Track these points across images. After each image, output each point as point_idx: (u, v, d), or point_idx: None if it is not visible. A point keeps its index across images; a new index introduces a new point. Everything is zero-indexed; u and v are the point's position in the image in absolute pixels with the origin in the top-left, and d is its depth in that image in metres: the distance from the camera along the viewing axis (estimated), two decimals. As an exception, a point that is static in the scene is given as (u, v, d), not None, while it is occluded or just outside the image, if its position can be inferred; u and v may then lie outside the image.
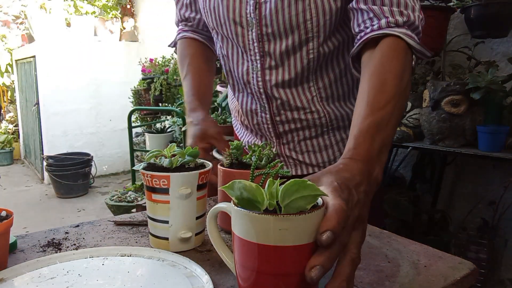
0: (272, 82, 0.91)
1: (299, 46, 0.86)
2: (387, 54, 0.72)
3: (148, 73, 4.07)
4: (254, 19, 0.85)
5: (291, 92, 0.91)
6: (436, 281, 0.55)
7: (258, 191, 0.45)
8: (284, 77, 0.90)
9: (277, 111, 0.94)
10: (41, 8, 5.02)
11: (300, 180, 0.43)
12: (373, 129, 0.61)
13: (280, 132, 0.98)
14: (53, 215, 4.01)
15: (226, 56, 0.96)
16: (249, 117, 1.01)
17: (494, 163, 1.95)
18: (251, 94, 0.96)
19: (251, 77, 0.92)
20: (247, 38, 0.88)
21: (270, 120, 0.96)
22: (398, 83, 0.68)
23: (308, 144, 0.98)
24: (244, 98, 1.00)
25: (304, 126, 0.95)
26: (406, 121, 1.85)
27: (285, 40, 0.85)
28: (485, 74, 1.55)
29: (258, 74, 0.91)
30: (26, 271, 0.58)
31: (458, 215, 2.12)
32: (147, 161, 0.69)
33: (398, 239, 0.68)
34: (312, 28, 0.83)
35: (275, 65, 0.89)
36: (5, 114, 6.97)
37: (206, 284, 0.53)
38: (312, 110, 0.93)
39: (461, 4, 1.67)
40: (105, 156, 5.43)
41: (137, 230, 0.75)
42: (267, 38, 0.86)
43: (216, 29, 0.93)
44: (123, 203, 3.34)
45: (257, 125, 1.00)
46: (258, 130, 1.02)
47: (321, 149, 0.98)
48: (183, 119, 3.04)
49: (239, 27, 0.88)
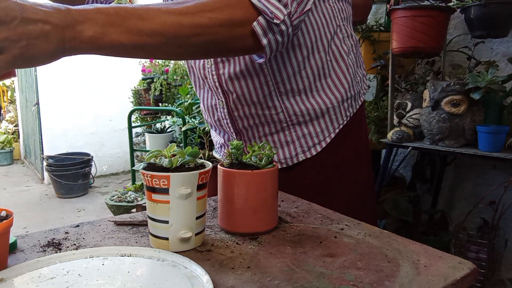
0: (225, 75, 0.90)
1: None
2: None
3: (148, 73, 4.07)
4: None
5: (247, 85, 0.90)
6: (436, 281, 0.55)
7: None
8: (235, 68, 0.89)
9: (234, 105, 0.93)
10: (41, 8, 5.02)
11: None
12: (128, 9, 0.57)
13: (239, 128, 0.97)
14: (53, 215, 4.01)
15: None
16: (210, 113, 1.01)
17: (494, 163, 1.95)
18: (209, 90, 0.97)
19: (207, 72, 0.93)
20: None
21: (228, 115, 0.95)
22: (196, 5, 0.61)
23: (269, 140, 0.96)
24: (204, 94, 1.00)
25: (262, 122, 0.94)
26: (406, 121, 1.85)
27: None
28: (485, 74, 1.55)
29: (212, 67, 0.91)
30: (26, 271, 0.58)
31: (458, 215, 2.13)
32: (147, 161, 0.69)
33: (398, 239, 0.68)
34: None
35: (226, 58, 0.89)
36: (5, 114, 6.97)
37: (206, 284, 0.53)
38: (269, 106, 0.91)
39: (461, 4, 1.67)
40: (105, 156, 5.43)
41: (137, 230, 0.75)
42: None
43: None
44: (123, 203, 3.34)
45: (218, 121, 1.00)
46: (220, 127, 1.02)
47: (282, 145, 0.96)
48: (183, 119, 3.04)
49: None
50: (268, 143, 0.93)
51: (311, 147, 0.94)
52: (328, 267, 0.59)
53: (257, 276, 0.57)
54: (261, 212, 0.70)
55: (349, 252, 0.64)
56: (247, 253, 0.64)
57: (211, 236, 0.71)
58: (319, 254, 0.63)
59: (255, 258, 0.63)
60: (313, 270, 0.58)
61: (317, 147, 0.94)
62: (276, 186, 0.73)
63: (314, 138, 0.94)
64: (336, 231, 0.72)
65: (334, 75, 0.92)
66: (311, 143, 0.94)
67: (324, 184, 0.97)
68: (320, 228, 0.73)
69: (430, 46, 1.72)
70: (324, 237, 0.69)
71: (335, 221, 0.76)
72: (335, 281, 0.55)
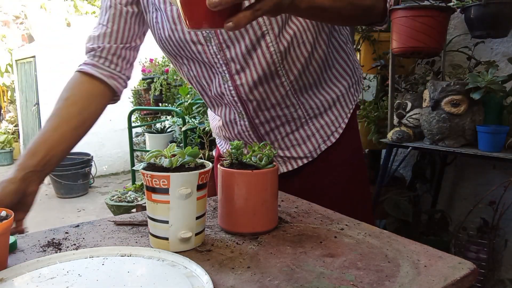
0: (244, 86, 0.92)
1: (257, 42, 0.88)
2: None
3: (148, 73, 4.07)
4: (210, 33, 0.87)
5: (265, 90, 0.92)
6: (436, 281, 0.55)
7: None
8: (253, 77, 0.91)
9: (254, 113, 0.96)
10: (41, 8, 5.03)
11: None
12: None
13: (262, 134, 0.99)
14: (53, 215, 4.01)
15: (197, 76, 0.97)
16: (229, 128, 1.03)
17: (494, 163, 1.95)
18: (228, 105, 0.98)
19: (224, 88, 0.94)
20: (210, 53, 0.90)
21: (249, 125, 0.98)
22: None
23: (291, 138, 0.99)
24: (222, 111, 1.01)
25: (283, 122, 0.97)
26: (406, 121, 1.85)
27: (243, 41, 0.87)
28: (485, 74, 1.55)
29: (228, 83, 0.93)
30: (26, 271, 0.58)
31: (458, 215, 2.12)
32: (147, 161, 0.69)
33: (398, 239, 0.68)
34: (264, 22, 0.85)
35: (241, 68, 0.90)
36: (5, 114, 6.98)
37: (206, 284, 0.53)
38: (287, 104, 0.95)
39: (461, 4, 1.66)
40: (105, 156, 5.44)
41: (137, 230, 0.75)
42: (226, 45, 0.88)
43: (179, 54, 0.94)
44: (123, 203, 3.34)
45: (239, 134, 1.02)
46: (240, 139, 1.03)
47: (304, 141, 0.99)
48: (183, 119, 3.04)
49: (198, 45, 0.89)
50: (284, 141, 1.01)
51: (330, 135, 1.00)
52: (328, 267, 0.59)
53: (257, 276, 0.57)
54: (261, 212, 0.70)
55: (349, 252, 0.64)
56: (247, 253, 0.64)
57: (211, 236, 0.71)
58: (319, 254, 0.63)
59: (255, 258, 0.63)
60: (313, 270, 0.58)
61: (335, 134, 1.00)
62: (276, 186, 0.73)
63: (331, 127, 1.00)
64: (336, 231, 0.72)
65: (337, 65, 0.99)
66: (329, 132, 1.00)
67: (328, 186, 1.00)
68: (320, 228, 0.73)
69: (430, 46, 1.72)
70: (324, 237, 0.69)
71: (335, 221, 0.76)
72: (335, 281, 0.55)
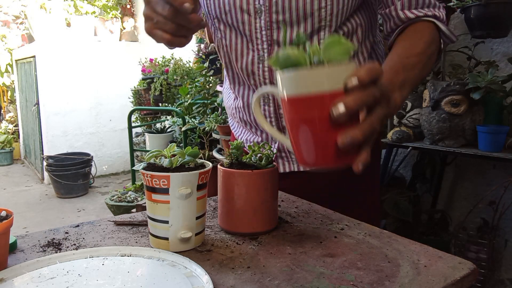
0: None
1: (310, 34, 0.84)
2: (419, 29, 0.82)
3: (148, 73, 4.07)
4: (263, 6, 0.82)
5: None
6: (436, 281, 0.55)
7: (301, 55, 0.53)
8: None
9: None
10: (41, 8, 5.02)
11: (335, 37, 0.52)
12: (398, 67, 0.72)
13: (283, 126, 0.94)
14: (53, 215, 4.01)
15: (229, 46, 0.92)
16: (250, 112, 0.98)
17: (494, 163, 1.95)
18: (253, 86, 0.93)
19: (256, 67, 0.89)
20: (254, 26, 0.85)
21: (273, 113, 0.93)
22: (426, 48, 0.78)
23: None
24: (245, 91, 0.96)
25: None
26: (406, 121, 1.86)
27: (296, 28, 0.83)
28: (485, 74, 1.55)
29: (264, 63, 0.88)
30: (26, 271, 0.58)
31: (458, 215, 2.12)
32: (147, 161, 0.69)
33: (398, 239, 0.68)
34: (325, 17, 0.82)
35: None
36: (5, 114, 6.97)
37: (206, 284, 0.53)
38: None
39: (461, 4, 1.67)
40: (105, 156, 5.43)
41: (137, 230, 0.75)
42: (277, 25, 0.83)
43: (219, 18, 0.89)
44: (123, 203, 3.34)
45: None
46: (258, 128, 1.00)
47: None
48: (183, 119, 3.04)
49: (245, 14, 0.84)
50: None
51: None
52: (328, 267, 0.59)
53: (257, 276, 0.57)
54: (261, 212, 0.70)
55: (349, 252, 0.64)
56: (247, 253, 0.64)
57: (211, 236, 0.71)
58: (319, 254, 0.63)
59: (255, 258, 0.63)
60: (313, 270, 0.58)
61: None
62: (276, 186, 0.73)
63: None
64: (336, 231, 0.72)
65: None
66: None
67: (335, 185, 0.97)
68: (320, 228, 0.73)
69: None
70: (324, 237, 0.69)
71: (335, 221, 0.76)
72: (335, 281, 0.55)
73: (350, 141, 0.52)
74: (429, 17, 0.82)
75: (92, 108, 5.29)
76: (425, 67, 0.78)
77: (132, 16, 5.58)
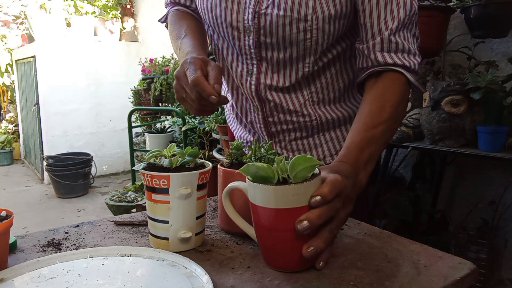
0: (267, 85, 0.91)
1: (296, 59, 0.87)
2: (389, 86, 0.82)
3: (148, 73, 4.07)
4: (252, 27, 0.84)
5: (284, 96, 0.92)
6: (436, 281, 0.55)
7: (269, 169, 0.56)
8: (278, 83, 0.90)
9: (270, 112, 0.95)
10: (41, 8, 5.02)
11: (302, 156, 0.56)
12: (364, 143, 0.73)
13: (272, 132, 0.98)
14: (53, 215, 4.01)
15: (222, 54, 0.95)
16: (243, 114, 1.01)
17: (494, 163, 1.95)
18: (244, 94, 0.96)
19: (244, 79, 0.92)
20: (243, 43, 0.88)
21: (262, 121, 0.97)
22: (393, 111, 0.79)
23: (299, 143, 0.99)
24: (238, 96, 0.99)
25: (296, 127, 0.96)
26: (406, 121, 1.85)
27: (283, 51, 0.86)
28: (485, 74, 1.55)
29: (252, 77, 0.91)
30: (26, 271, 0.58)
31: (458, 215, 2.12)
32: (147, 161, 0.69)
33: (398, 239, 0.68)
34: (310, 46, 0.85)
35: (271, 70, 0.89)
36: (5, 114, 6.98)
37: (206, 284, 0.53)
38: (304, 114, 0.94)
39: (461, 4, 1.66)
40: (105, 156, 5.43)
41: (137, 230, 0.75)
42: (265, 46, 0.86)
43: (213, 27, 0.92)
44: (123, 203, 3.34)
45: (250, 123, 1.01)
46: (252, 128, 1.02)
47: (311, 148, 0.99)
48: (183, 119, 3.04)
49: (235, 31, 0.87)
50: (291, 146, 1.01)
51: (338, 151, 0.98)
52: (328, 267, 0.59)
53: (257, 276, 0.57)
54: (261, 212, 0.70)
55: (349, 252, 0.64)
56: (247, 253, 0.64)
57: (211, 236, 0.71)
58: (319, 254, 0.63)
59: (255, 258, 0.63)
60: (313, 270, 0.58)
61: None
62: (276, 186, 0.73)
63: (341, 142, 0.98)
64: (336, 231, 0.72)
65: None
66: (338, 147, 0.99)
67: None
68: (320, 228, 0.73)
69: (430, 46, 1.72)
70: (324, 237, 0.69)
71: (335, 221, 0.76)
72: (335, 281, 0.55)
73: (314, 251, 0.55)
74: (399, 66, 0.82)
75: (92, 108, 5.29)
76: (392, 131, 0.82)
77: (132, 16, 5.58)
